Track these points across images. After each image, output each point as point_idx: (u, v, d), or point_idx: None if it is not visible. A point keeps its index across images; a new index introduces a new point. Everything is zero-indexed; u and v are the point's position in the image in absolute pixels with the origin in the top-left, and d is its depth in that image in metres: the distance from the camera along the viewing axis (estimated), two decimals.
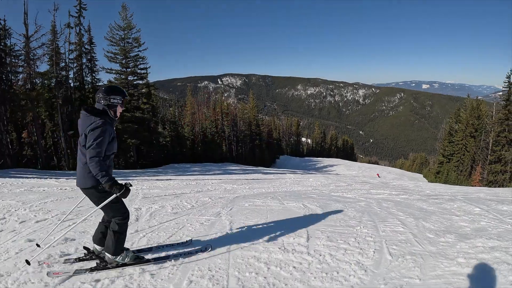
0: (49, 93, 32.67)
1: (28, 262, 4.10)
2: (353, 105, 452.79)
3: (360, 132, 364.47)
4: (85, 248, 4.57)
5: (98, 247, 4.41)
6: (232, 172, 28.47)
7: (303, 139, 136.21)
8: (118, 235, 4.19)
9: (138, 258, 4.45)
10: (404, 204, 9.57)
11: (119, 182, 3.96)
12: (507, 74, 44.15)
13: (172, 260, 4.55)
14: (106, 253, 4.22)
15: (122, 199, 4.09)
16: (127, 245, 4.57)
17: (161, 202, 8.75)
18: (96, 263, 4.27)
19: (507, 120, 42.85)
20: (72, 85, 36.50)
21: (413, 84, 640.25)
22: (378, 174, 70.20)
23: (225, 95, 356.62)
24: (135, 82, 40.73)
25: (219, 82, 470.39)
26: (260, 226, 6.39)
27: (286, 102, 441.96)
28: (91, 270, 4.14)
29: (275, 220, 6.83)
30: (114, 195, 3.97)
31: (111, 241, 4.17)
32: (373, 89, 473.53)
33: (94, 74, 38.41)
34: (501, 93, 48.03)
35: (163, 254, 4.80)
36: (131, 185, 4.07)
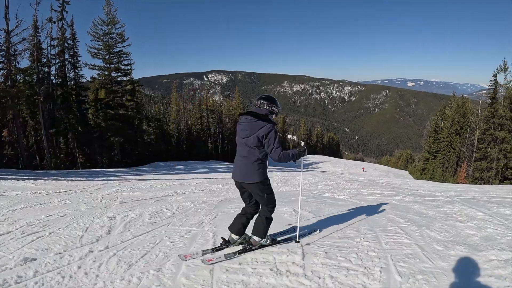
0: (30, 90, 31.59)
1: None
2: (339, 102, 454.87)
3: (346, 129, 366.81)
4: (222, 238, 5.26)
5: (235, 237, 5.10)
6: (217, 171, 27.76)
7: (289, 136, 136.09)
8: (269, 221, 5.01)
9: (274, 240, 5.29)
10: (401, 207, 9.04)
11: (297, 151, 5.11)
12: (493, 72, 44.46)
13: (293, 241, 5.43)
14: (254, 237, 4.95)
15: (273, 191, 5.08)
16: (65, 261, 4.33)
17: (139, 209, 7.97)
18: (243, 246, 4.99)
19: (493, 118, 43.22)
20: (54, 81, 35.57)
21: (399, 82, 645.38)
22: (363, 168, 72.01)
23: (211, 91, 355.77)
24: (118, 79, 40.03)
25: (205, 79, 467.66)
26: None
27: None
28: (240, 252, 4.82)
29: None
30: (270, 195, 4.97)
31: (263, 226, 4.94)
32: (358, 87, 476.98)
33: (77, 70, 37.54)
34: (485, 91, 48.37)
35: (284, 237, 5.67)
36: (304, 144, 5.24)
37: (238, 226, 5.05)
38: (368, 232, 6.07)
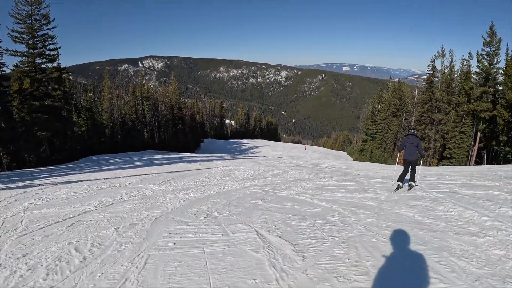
0: None
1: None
2: (275, 86, 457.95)
3: (283, 112, 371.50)
4: (397, 185, 10.74)
5: (401, 184, 10.77)
6: (154, 163, 25.39)
7: (227, 121, 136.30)
8: (416, 174, 10.86)
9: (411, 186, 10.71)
10: (386, 213, 7.44)
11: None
12: (432, 58, 46.73)
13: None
14: (411, 182, 10.64)
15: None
16: None
17: (39, 250, 5.33)
18: (408, 187, 10.66)
19: (430, 101, 45.39)
20: None
21: (334, 66, 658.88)
22: (305, 147, 74.56)
23: (146, 78, 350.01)
24: (43, 66, 36.26)
25: (140, 65, 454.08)
26: None
27: (209, 84, 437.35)
28: (407, 190, 10.49)
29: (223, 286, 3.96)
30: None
31: (415, 176, 10.77)
32: (295, 71, 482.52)
33: None
34: (417, 76, 51.53)
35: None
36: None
37: (402, 179, 10.68)
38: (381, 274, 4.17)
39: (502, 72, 37.05)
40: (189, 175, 16.54)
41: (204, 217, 7.25)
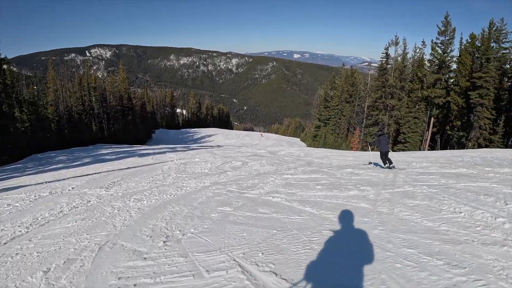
0: None
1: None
2: (226, 74, 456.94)
3: (234, 100, 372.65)
4: (386, 165, 14.73)
5: (386, 165, 14.75)
6: (103, 159, 23.36)
7: (178, 110, 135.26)
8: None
9: (393, 167, 14.74)
10: (391, 219, 6.24)
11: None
12: (386, 45, 47.79)
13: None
14: (392, 164, 14.65)
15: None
16: None
17: None
18: (390, 167, 14.53)
19: (383, 87, 46.43)
20: None
21: (285, 54, 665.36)
22: (261, 134, 74.52)
23: (94, 68, 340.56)
24: None
25: (88, 54, 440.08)
26: None
27: (159, 73, 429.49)
28: (392, 168, 14.51)
29: None
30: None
31: (392, 160, 14.92)
32: (246, 58, 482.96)
33: None
34: (367, 63, 53.58)
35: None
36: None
37: (385, 161, 14.63)
38: None
39: (456, 60, 39.10)
40: (141, 172, 14.98)
41: (164, 242, 5.48)
